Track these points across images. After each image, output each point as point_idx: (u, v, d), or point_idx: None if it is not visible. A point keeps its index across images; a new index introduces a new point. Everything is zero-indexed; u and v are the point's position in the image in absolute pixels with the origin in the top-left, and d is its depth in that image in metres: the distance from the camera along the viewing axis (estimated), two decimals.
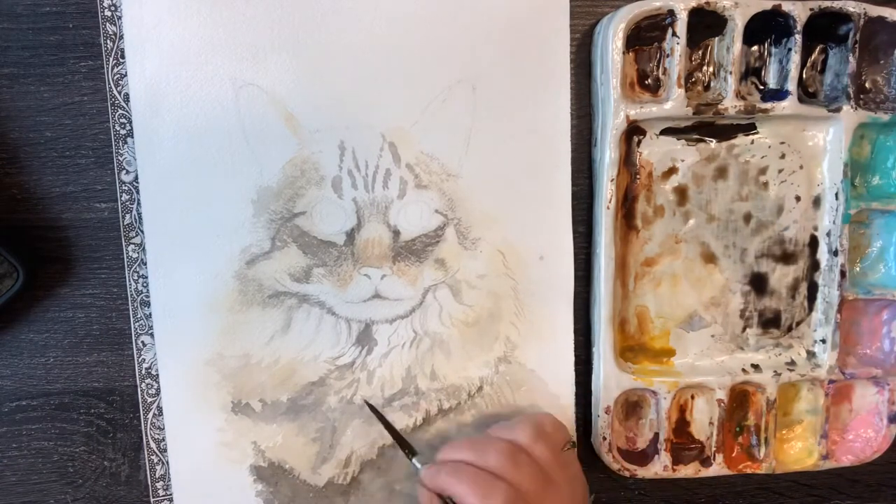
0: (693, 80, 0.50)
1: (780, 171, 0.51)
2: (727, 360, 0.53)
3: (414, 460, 0.47)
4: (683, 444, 0.52)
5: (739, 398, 0.52)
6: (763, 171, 0.51)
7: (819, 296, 0.52)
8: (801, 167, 0.51)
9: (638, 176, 0.51)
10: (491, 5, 0.48)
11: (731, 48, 0.48)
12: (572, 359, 0.52)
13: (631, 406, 0.52)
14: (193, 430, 0.50)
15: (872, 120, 0.50)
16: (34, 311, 0.49)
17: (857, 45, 0.49)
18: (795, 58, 0.48)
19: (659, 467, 0.51)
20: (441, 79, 0.48)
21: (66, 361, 0.50)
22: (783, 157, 0.51)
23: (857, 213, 0.51)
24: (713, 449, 0.52)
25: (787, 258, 0.52)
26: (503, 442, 0.45)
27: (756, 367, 0.52)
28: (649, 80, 0.50)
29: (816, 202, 0.52)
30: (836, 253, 0.51)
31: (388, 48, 0.48)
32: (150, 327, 0.49)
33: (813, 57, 0.51)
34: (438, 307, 0.50)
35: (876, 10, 0.48)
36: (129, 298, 0.49)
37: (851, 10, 0.48)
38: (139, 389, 0.50)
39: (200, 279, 0.49)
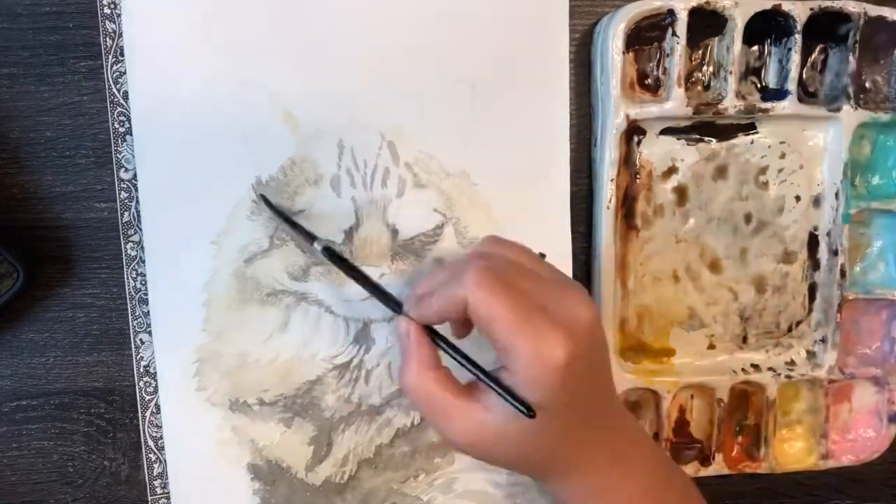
0: (693, 79, 0.50)
1: (780, 170, 0.51)
2: (727, 360, 0.52)
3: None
4: (683, 443, 0.52)
5: (739, 398, 0.52)
6: (763, 170, 0.51)
7: (819, 296, 0.52)
8: (801, 167, 0.51)
9: (638, 176, 0.51)
10: (491, 5, 0.48)
11: (731, 48, 0.48)
12: None
13: (631, 406, 0.52)
14: (191, 428, 0.50)
15: (872, 120, 0.50)
16: (34, 311, 0.49)
17: (857, 45, 0.49)
18: (795, 57, 0.48)
19: None
20: (440, 78, 0.48)
21: (66, 361, 0.50)
22: (783, 156, 0.51)
23: (857, 213, 0.51)
24: (713, 449, 0.51)
25: (786, 258, 0.52)
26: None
27: (756, 366, 0.52)
28: (649, 80, 0.50)
29: (816, 202, 0.52)
30: (836, 253, 0.51)
31: (387, 47, 0.48)
32: (148, 325, 0.49)
33: (813, 57, 0.51)
34: None
35: (876, 10, 0.48)
36: (128, 296, 0.49)
37: (851, 9, 0.48)
38: (137, 387, 0.50)
39: (198, 277, 0.48)
